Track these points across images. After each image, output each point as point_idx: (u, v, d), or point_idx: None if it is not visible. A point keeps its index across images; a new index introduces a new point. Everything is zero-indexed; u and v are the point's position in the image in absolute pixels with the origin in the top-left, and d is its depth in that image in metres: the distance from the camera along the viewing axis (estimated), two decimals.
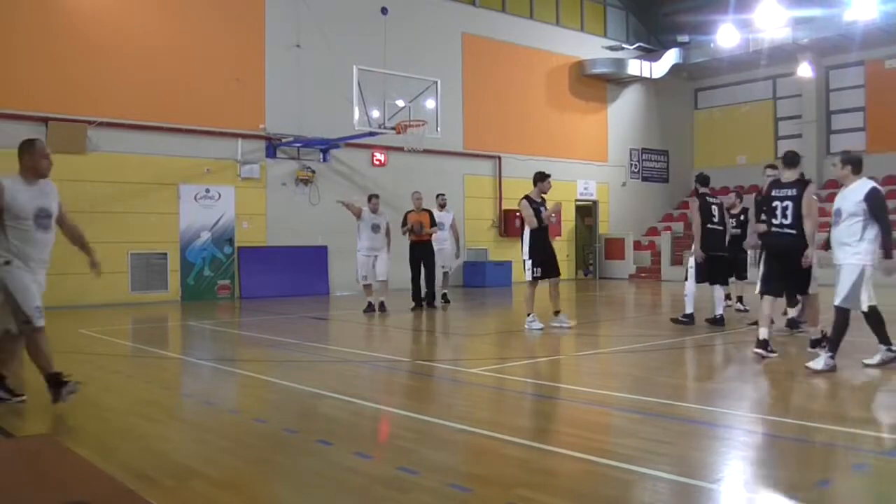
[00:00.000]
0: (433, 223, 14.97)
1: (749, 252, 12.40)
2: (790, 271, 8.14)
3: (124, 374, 8.04)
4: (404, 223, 14.79)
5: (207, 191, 17.68)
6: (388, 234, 13.99)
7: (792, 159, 8.30)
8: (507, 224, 23.48)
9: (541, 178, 11.29)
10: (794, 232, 8.01)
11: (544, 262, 10.96)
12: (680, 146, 29.75)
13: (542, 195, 11.19)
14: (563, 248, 24.89)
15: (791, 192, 8.04)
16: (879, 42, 24.64)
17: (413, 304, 14.74)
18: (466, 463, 4.77)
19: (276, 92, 18.61)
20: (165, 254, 17.19)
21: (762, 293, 8.18)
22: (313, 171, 19.17)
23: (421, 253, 14.83)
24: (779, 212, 8.11)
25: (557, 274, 11.21)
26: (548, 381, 7.12)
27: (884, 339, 7.44)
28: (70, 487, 3.38)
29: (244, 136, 18.14)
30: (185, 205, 17.44)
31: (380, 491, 4.00)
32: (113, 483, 3.67)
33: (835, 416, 5.81)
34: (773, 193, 8.21)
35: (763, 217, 8.40)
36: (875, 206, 7.17)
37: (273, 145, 18.63)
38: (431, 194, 21.30)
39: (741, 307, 13.16)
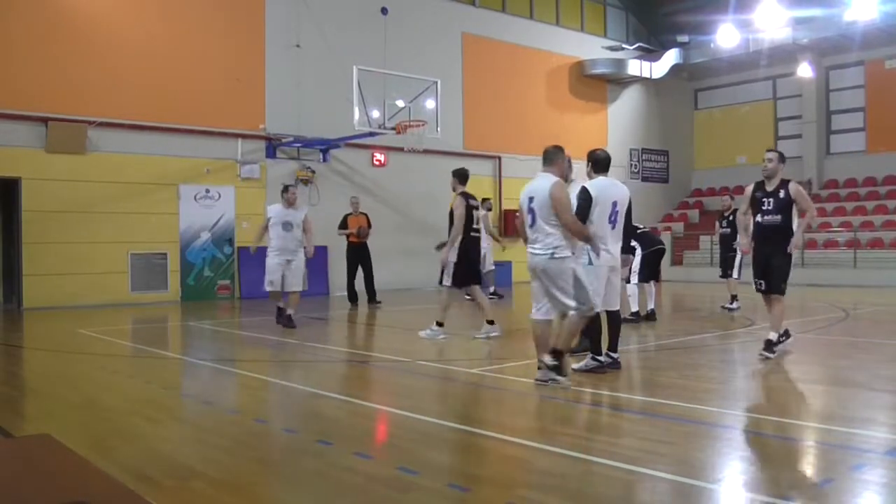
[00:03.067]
0: (370, 226, 15.81)
1: (738, 252, 12.73)
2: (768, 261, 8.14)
3: (124, 374, 8.04)
4: (343, 225, 15.66)
5: (207, 191, 17.68)
6: (306, 232, 11.64)
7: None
8: (508, 224, 23.47)
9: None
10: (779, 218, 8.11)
11: (469, 265, 10.36)
12: (680, 146, 29.74)
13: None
14: None
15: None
16: (879, 42, 24.64)
17: (350, 304, 15.48)
18: (466, 463, 4.77)
19: (276, 92, 18.61)
20: (165, 254, 17.19)
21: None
22: (313, 172, 19.17)
23: (359, 255, 15.71)
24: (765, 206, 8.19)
25: (479, 281, 10.64)
26: None
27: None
28: (70, 487, 3.38)
29: (244, 137, 18.14)
30: (185, 205, 17.44)
31: (379, 491, 4.00)
32: (113, 483, 3.66)
33: (835, 416, 5.81)
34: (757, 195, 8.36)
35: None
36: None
37: (273, 145, 18.62)
38: (432, 195, 21.37)
39: (730, 306, 13.35)
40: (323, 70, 19.01)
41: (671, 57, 27.47)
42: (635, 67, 26.65)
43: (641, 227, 12.08)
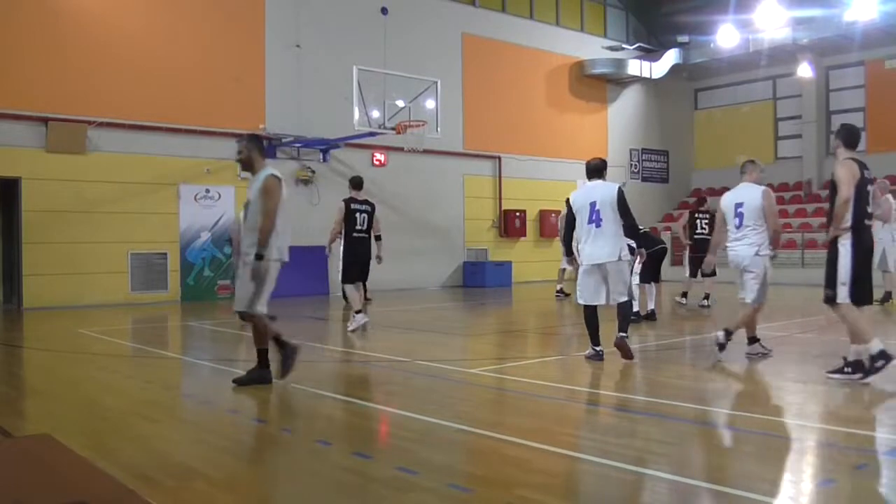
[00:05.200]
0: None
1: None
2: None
3: (124, 374, 8.04)
4: None
5: (207, 191, 17.68)
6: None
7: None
8: (508, 224, 23.48)
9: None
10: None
11: (351, 264, 11.05)
12: (680, 146, 29.74)
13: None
14: (559, 248, 24.86)
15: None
16: (879, 42, 24.63)
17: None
18: (466, 463, 4.77)
19: (276, 92, 18.61)
20: (165, 254, 17.19)
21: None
22: (313, 172, 19.17)
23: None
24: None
25: (363, 279, 11.43)
26: (548, 382, 7.12)
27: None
28: (70, 487, 3.38)
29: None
30: (185, 205, 17.45)
31: (379, 491, 4.00)
32: (113, 483, 3.66)
33: (836, 416, 5.81)
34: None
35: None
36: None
37: (273, 145, 18.61)
38: (432, 195, 21.37)
39: (706, 303, 13.89)
40: (323, 70, 19.01)
41: (671, 57, 27.46)
42: (635, 67, 26.65)
43: (642, 227, 12.12)
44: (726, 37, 26.01)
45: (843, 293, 6.69)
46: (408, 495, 3.92)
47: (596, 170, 8.09)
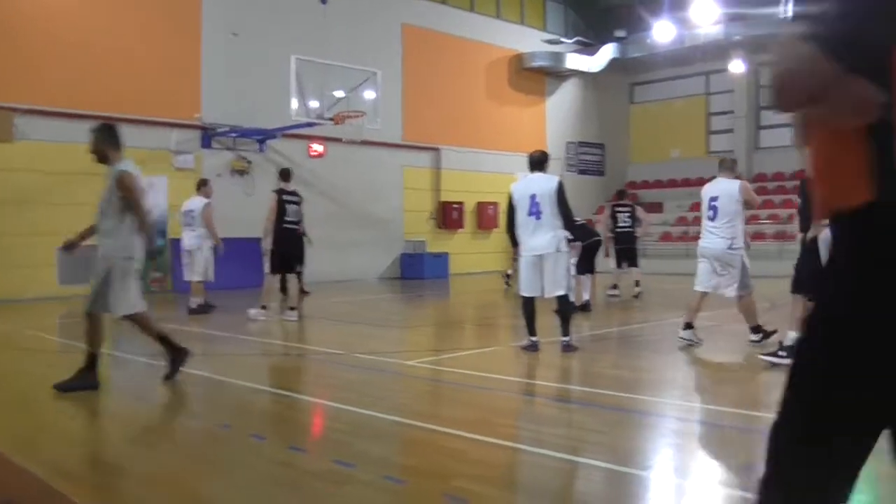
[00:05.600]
0: None
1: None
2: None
3: (52, 370, 7.83)
4: None
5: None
6: (207, 220, 12.36)
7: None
8: (446, 216, 23.53)
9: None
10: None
11: (276, 255, 11.25)
12: (616, 140, 30.15)
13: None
14: (499, 239, 25.03)
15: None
16: None
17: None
18: (402, 455, 4.78)
19: (212, 81, 18.26)
20: (96, 246, 16.73)
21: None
22: (249, 162, 18.89)
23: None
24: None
25: (289, 270, 11.59)
26: (483, 373, 7.16)
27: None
28: None
29: (178, 126, 17.76)
30: None
31: (315, 484, 3.98)
32: (38, 482, 3.58)
33: (762, 403, 5.97)
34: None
35: None
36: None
37: (208, 135, 18.29)
38: (371, 186, 21.27)
39: (615, 293, 14.43)
40: (260, 59, 18.73)
41: (609, 51, 27.80)
42: (573, 61, 26.92)
43: (578, 219, 12.28)
44: (662, 32, 26.43)
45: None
46: (344, 488, 3.91)
47: (538, 162, 8.20)
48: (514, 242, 8.39)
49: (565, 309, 8.12)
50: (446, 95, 23.51)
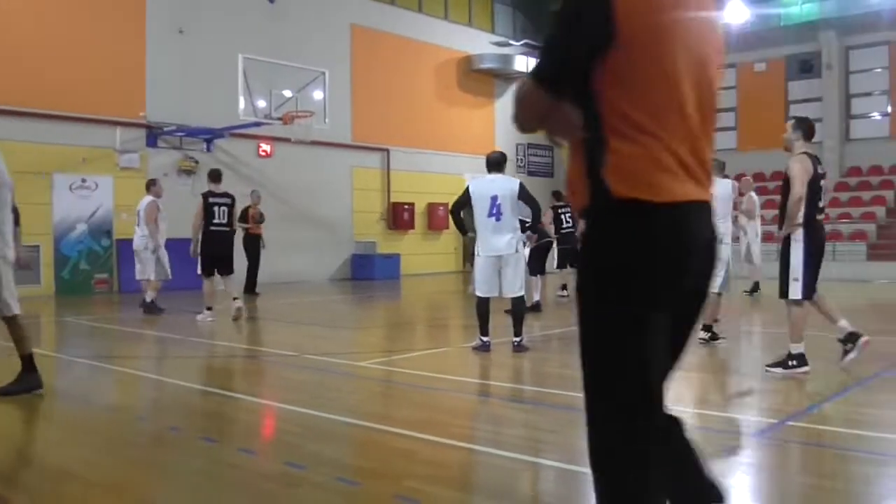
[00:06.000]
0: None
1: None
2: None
3: None
4: (243, 218, 15.81)
5: (83, 180, 16.92)
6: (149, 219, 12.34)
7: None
8: (396, 217, 23.50)
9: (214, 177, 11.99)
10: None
11: (207, 257, 11.37)
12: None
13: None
14: (450, 240, 25.10)
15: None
16: (750, 46, 25.89)
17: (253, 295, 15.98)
18: (354, 456, 4.77)
19: (158, 79, 17.96)
20: (38, 246, 16.32)
21: None
22: (196, 162, 18.62)
23: (256, 246, 16.45)
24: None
25: (224, 272, 11.55)
26: (436, 373, 7.18)
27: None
28: None
29: (123, 124, 17.43)
30: (59, 195, 16.64)
31: (266, 486, 3.95)
32: None
33: (710, 401, 6.10)
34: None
35: None
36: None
37: (154, 134, 18.00)
38: (320, 187, 21.13)
39: (564, 294, 14.61)
40: (207, 57, 18.48)
41: None
42: (522, 63, 27.06)
43: (527, 220, 12.37)
44: None
45: (794, 289, 6.75)
46: (295, 490, 3.88)
47: (496, 163, 8.25)
48: (464, 229, 8.46)
49: (519, 309, 8.18)
50: (396, 96, 23.48)
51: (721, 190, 8.75)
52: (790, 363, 6.72)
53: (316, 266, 21.15)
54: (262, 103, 17.14)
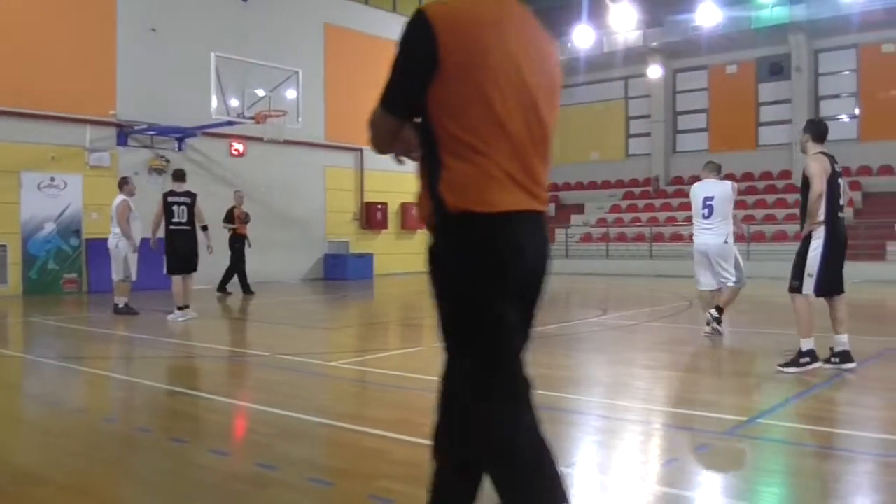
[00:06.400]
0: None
1: None
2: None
3: None
4: (229, 219, 16.25)
5: (52, 179, 16.71)
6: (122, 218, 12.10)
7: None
8: (369, 217, 23.46)
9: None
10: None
11: (170, 256, 11.44)
12: None
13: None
14: (423, 240, 24.99)
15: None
16: (722, 48, 26.16)
17: (246, 294, 16.07)
18: (327, 456, 4.75)
19: (129, 77, 17.77)
20: (5, 245, 16.12)
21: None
22: (168, 161, 18.45)
23: (242, 246, 16.39)
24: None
25: (191, 270, 11.61)
26: (408, 373, 7.17)
27: None
28: None
29: (93, 123, 17.24)
30: (28, 194, 16.42)
31: (238, 487, 3.92)
32: None
33: (680, 399, 6.15)
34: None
35: None
36: None
37: (125, 133, 17.82)
38: (292, 186, 21.03)
39: None
40: (179, 56, 18.33)
41: None
42: None
43: None
44: (582, 37, 26.90)
45: (808, 284, 6.77)
46: (267, 491, 3.86)
47: None
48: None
49: None
50: (369, 96, 22.69)
51: (721, 190, 9.04)
52: (801, 360, 6.72)
53: (288, 266, 21.06)
54: (234, 102, 17.03)
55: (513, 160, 2.31)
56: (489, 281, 2.29)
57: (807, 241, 6.82)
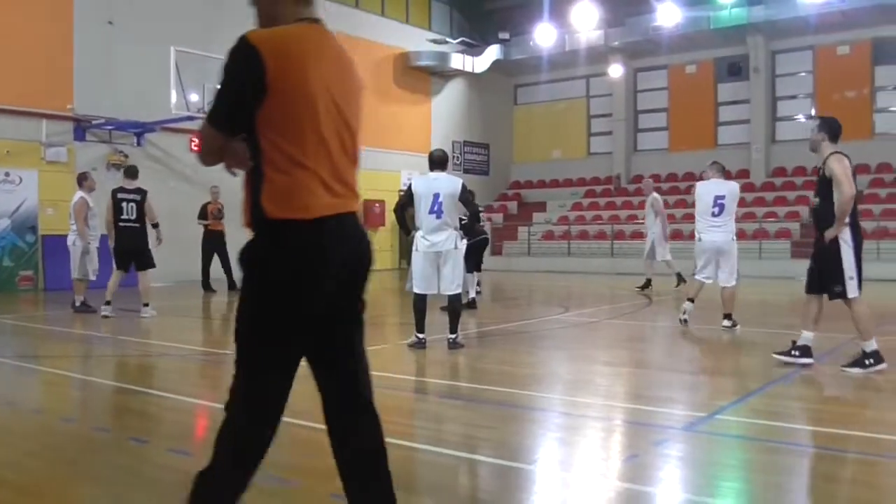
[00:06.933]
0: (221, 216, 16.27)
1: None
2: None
3: None
4: (203, 215, 16.13)
5: (7, 174, 16.37)
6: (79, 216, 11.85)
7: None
8: None
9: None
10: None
11: (118, 252, 11.34)
12: (500, 140, 30.65)
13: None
14: (386, 238, 25.06)
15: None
16: (682, 48, 26.44)
17: (203, 291, 15.88)
18: (288, 455, 4.72)
19: (86, 70, 17.47)
20: None
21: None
22: (126, 156, 18.13)
23: (216, 243, 16.08)
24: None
25: (140, 267, 11.49)
26: (371, 371, 7.15)
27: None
28: None
29: (49, 117, 16.92)
30: None
31: None
32: None
33: (640, 396, 6.22)
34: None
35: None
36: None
37: (82, 127, 17.52)
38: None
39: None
40: (138, 50, 18.03)
41: (493, 52, 28.22)
42: (458, 61, 27.18)
43: (464, 218, 12.42)
44: (544, 35, 27.01)
45: (852, 287, 6.61)
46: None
47: (440, 161, 8.31)
48: (408, 229, 8.48)
49: (455, 307, 8.21)
50: None
51: (730, 190, 9.43)
52: (867, 362, 6.65)
53: None
54: (194, 97, 16.83)
55: (330, 171, 2.59)
56: (301, 286, 2.54)
57: (835, 244, 6.64)
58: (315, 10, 2.85)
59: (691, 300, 9.62)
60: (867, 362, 6.65)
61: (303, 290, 2.55)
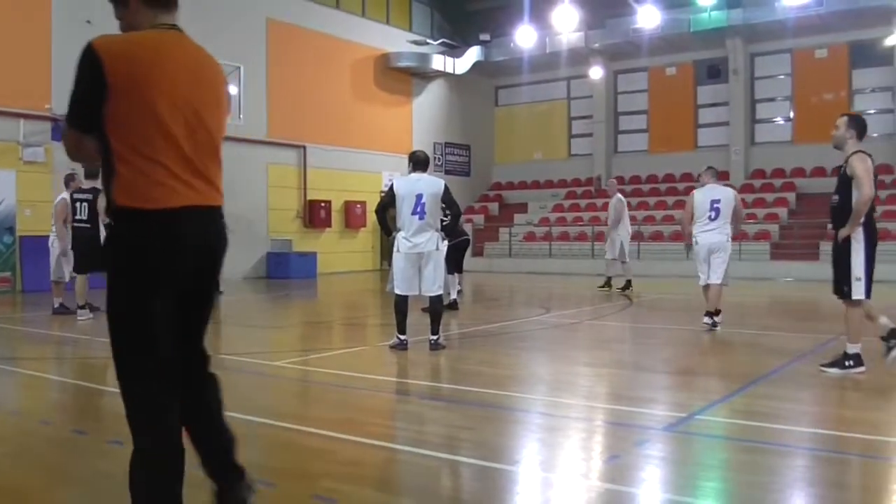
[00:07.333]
0: None
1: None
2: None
3: None
4: None
5: None
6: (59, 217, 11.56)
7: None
8: (313, 215, 23.27)
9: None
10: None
11: (76, 253, 11.29)
12: (481, 141, 30.68)
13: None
14: (367, 238, 25.02)
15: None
16: (662, 50, 26.58)
17: None
18: (270, 457, 4.70)
19: (64, 69, 17.19)
20: None
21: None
22: None
23: None
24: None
25: (98, 268, 11.32)
26: (352, 372, 7.14)
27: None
28: None
29: (27, 117, 16.76)
30: None
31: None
32: None
33: (621, 397, 6.23)
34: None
35: None
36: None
37: (60, 127, 17.36)
38: (233, 183, 20.74)
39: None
40: None
41: (473, 54, 28.25)
42: (439, 62, 27.18)
43: (445, 219, 12.41)
44: (525, 37, 27.06)
45: (858, 288, 6.51)
46: (207, 493, 3.80)
47: (422, 162, 8.28)
48: (389, 230, 8.45)
49: (436, 308, 8.21)
50: (312, 92, 23.23)
51: (726, 194, 9.61)
52: (847, 363, 6.64)
53: (229, 264, 20.31)
54: None
55: (179, 163, 2.79)
56: (150, 270, 2.76)
57: (847, 244, 6.58)
58: (174, 17, 3.09)
59: (712, 314, 9.61)
60: (847, 363, 6.66)
61: (156, 269, 2.77)
